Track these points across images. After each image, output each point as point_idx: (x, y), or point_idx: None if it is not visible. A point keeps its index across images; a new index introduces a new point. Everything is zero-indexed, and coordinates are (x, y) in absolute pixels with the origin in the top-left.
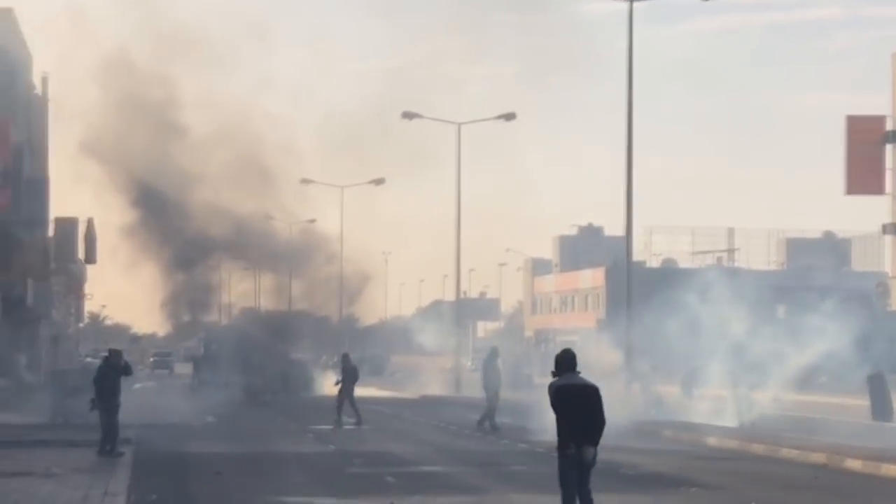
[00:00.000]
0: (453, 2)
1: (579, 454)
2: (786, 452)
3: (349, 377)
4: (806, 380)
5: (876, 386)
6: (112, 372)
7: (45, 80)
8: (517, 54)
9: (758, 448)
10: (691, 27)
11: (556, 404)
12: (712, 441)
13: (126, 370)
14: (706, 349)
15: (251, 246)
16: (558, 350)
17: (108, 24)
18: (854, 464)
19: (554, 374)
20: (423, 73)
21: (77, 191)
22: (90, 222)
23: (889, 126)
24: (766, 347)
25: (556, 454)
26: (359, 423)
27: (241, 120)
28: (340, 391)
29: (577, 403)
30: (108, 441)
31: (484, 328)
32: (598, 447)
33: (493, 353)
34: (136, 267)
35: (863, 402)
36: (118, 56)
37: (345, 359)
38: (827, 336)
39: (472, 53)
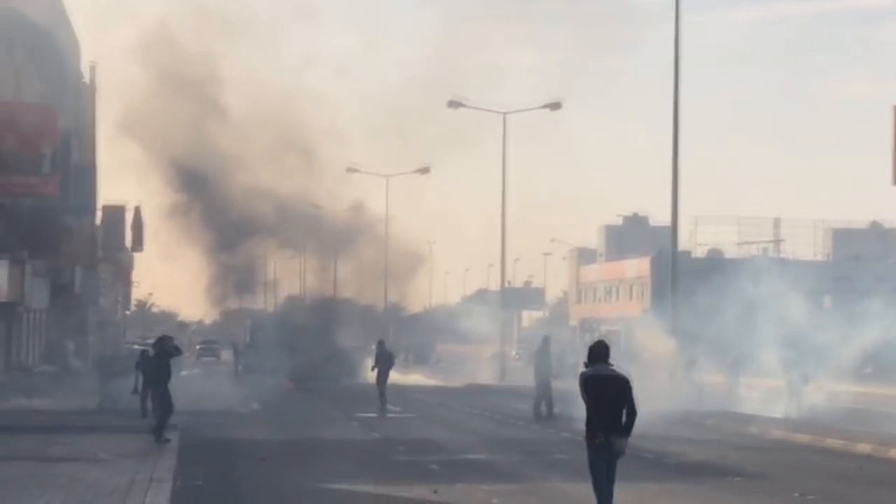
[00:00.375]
0: None
1: (607, 443)
2: (830, 442)
3: (384, 364)
4: (854, 371)
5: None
6: (166, 358)
7: (92, 69)
8: (563, 42)
9: (802, 438)
10: (738, 15)
11: (584, 394)
12: (755, 430)
13: (177, 351)
14: (753, 338)
15: (295, 229)
16: (599, 339)
17: (150, 3)
18: None
19: (586, 365)
20: (469, 60)
21: (124, 179)
22: (137, 210)
23: None
24: (815, 337)
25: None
26: (382, 411)
27: (286, 102)
28: (378, 378)
29: (606, 394)
30: (160, 427)
31: (529, 317)
32: (641, 436)
33: (546, 342)
34: (180, 252)
35: None
36: (160, 34)
37: (380, 345)
38: (874, 326)
39: (519, 41)
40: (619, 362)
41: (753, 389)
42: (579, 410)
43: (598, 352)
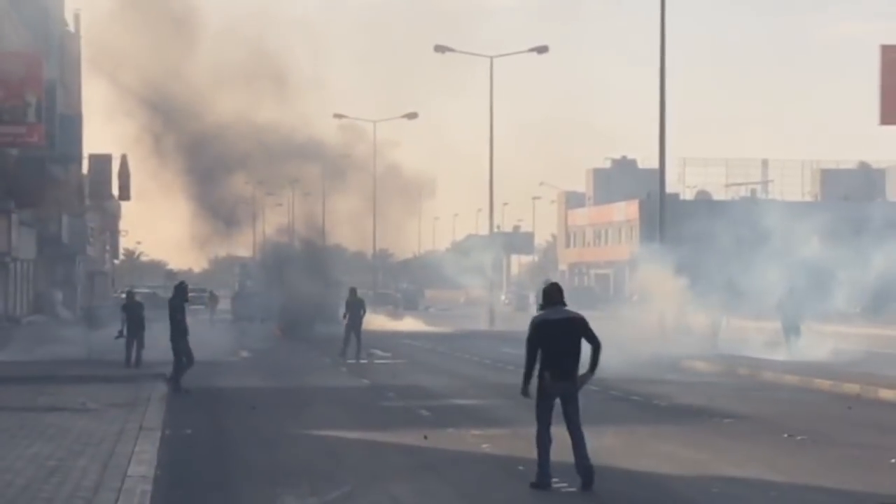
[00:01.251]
0: None
1: (556, 384)
2: (819, 383)
3: (355, 311)
4: (844, 311)
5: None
6: (181, 304)
7: (77, 17)
8: None
9: (792, 379)
10: None
11: (534, 338)
12: (745, 372)
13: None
14: (747, 278)
15: (280, 171)
16: (589, 283)
17: None
18: (888, 394)
19: (541, 308)
20: (453, 4)
21: (110, 127)
22: (124, 158)
23: None
24: (806, 278)
25: (590, 387)
26: (358, 358)
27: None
28: (347, 325)
29: (560, 336)
30: (177, 374)
31: (518, 262)
32: (631, 380)
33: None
34: (161, 197)
35: None
36: None
37: (351, 293)
38: (864, 267)
39: None
40: (613, 305)
41: (747, 331)
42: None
43: (552, 294)
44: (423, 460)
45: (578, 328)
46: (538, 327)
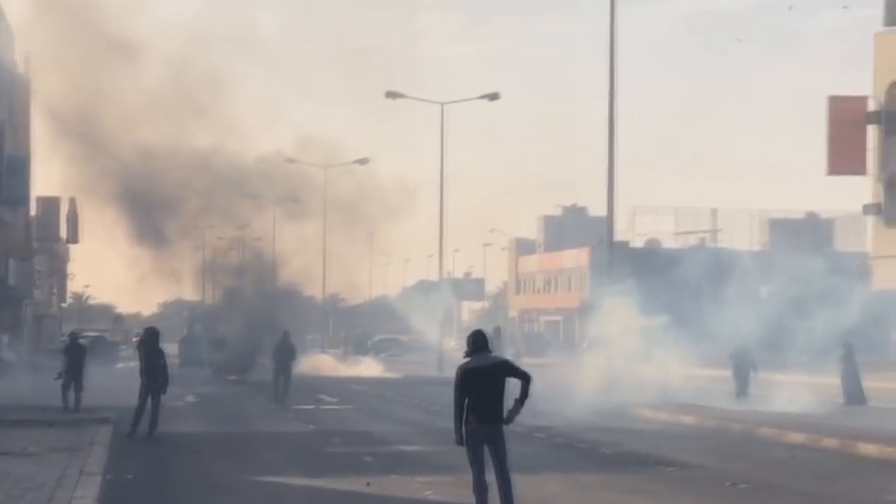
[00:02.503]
0: None
1: (481, 428)
2: (764, 431)
3: (284, 356)
4: (792, 360)
5: (847, 368)
6: (157, 351)
7: (27, 59)
8: (501, 33)
9: (737, 427)
10: (674, 7)
11: (461, 384)
12: (691, 420)
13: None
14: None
15: (233, 217)
16: (539, 330)
17: None
18: (831, 442)
19: (466, 354)
20: (406, 51)
21: (59, 170)
22: (72, 201)
23: (871, 106)
24: (755, 326)
25: (536, 434)
26: (282, 403)
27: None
28: (276, 368)
29: (485, 381)
30: (153, 423)
31: (469, 308)
32: (579, 427)
33: (498, 332)
34: (113, 243)
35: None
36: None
37: (284, 336)
38: (812, 315)
39: (457, 32)
40: (563, 352)
41: (694, 379)
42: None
43: (476, 341)
44: None
45: (503, 372)
46: (464, 374)
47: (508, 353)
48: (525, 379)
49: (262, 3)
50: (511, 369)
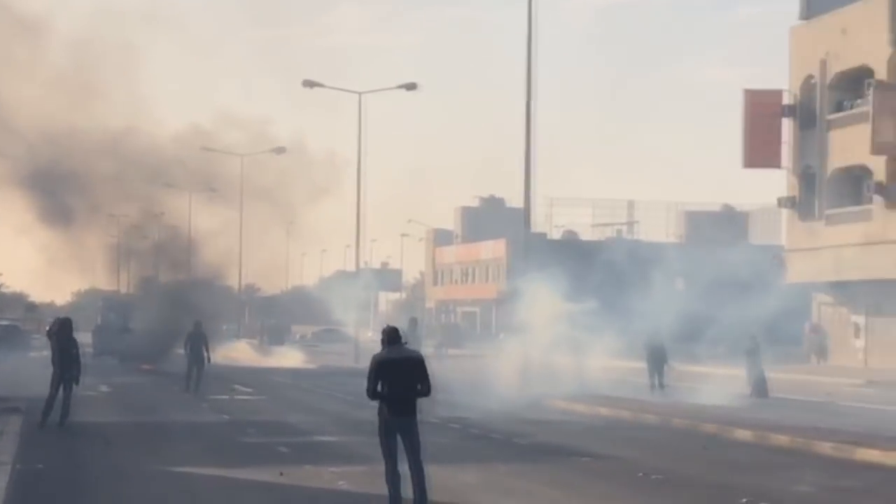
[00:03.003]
0: None
1: (394, 419)
2: (677, 422)
3: (196, 344)
4: (707, 352)
5: (752, 362)
6: (71, 341)
7: None
8: (419, 24)
9: (651, 419)
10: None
11: (376, 374)
12: (606, 412)
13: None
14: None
15: (147, 204)
16: (456, 321)
17: None
18: (743, 434)
19: (382, 349)
20: (323, 42)
21: None
22: None
23: (786, 100)
24: (669, 319)
25: (451, 425)
26: (196, 392)
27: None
28: (189, 358)
29: (399, 373)
30: (65, 413)
31: (386, 299)
32: (493, 416)
33: (413, 323)
34: (25, 230)
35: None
36: None
37: (195, 326)
38: (726, 307)
39: (374, 23)
40: (479, 343)
41: (610, 371)
42: (436, 392)
43: (392, 337)
44: (278, 497)
45: (418, 366)
46: (379, 365)
47: (429, 345)
48: (425, 391)
49: None
50: (422, 370)
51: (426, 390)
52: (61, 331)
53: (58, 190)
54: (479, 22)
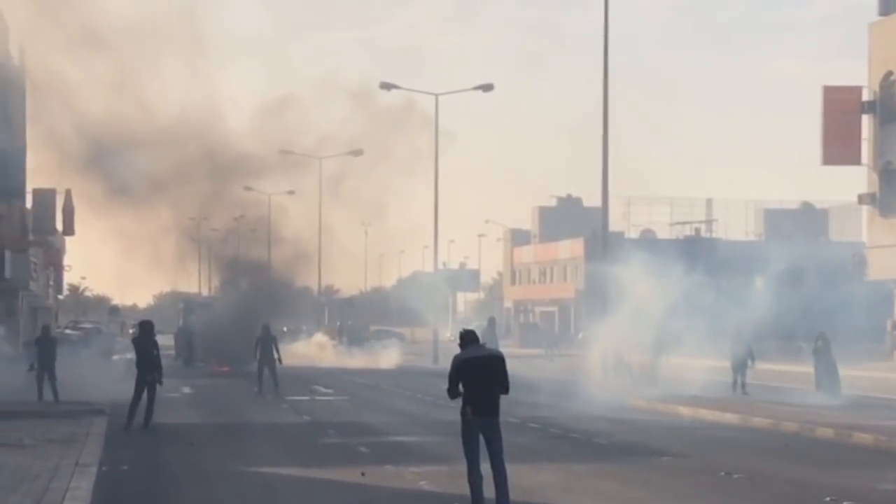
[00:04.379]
0: None
1: (477, 420)
2: (758, 422)
3: (266, 346)
4: (788, 349)
5: (820, 360)
6: (152, 342)
7: (22, 52)
8: (494, 25)
9: (731, 418)
10: None
11: (457, 374)
12: (685, 411)
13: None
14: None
15: (226, 210)
16: (537, 321)
17: None
18: (825, 432)
19: (461, 347)
20: (398, 43)
21: (54, 162)
22: (68, 193)
23: (865, 96)
24: (749, 317)
25: (531, 425)
26: (275, 393)
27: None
28: (259, 360)
29: (480, 373)
30: (148, 415)
31: (464, 299)
32: (572, 417)
33: (492, 323)
34: (113, 237)
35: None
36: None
37: (263, 329)
38: (806, 305)
39: (449, 24)
40: (558, 343)
41: (690, 370)
42: (517, 392)
43: (468, 336)
44: (360, 497)
45: (497, 365)
46: (459, 365)
47: (500, 346)
48: (503, 389)
49: None
50: (502, 368)
51: (505, 388)
52: (143, 334)
53: (140, 192)
54: (552, 22)
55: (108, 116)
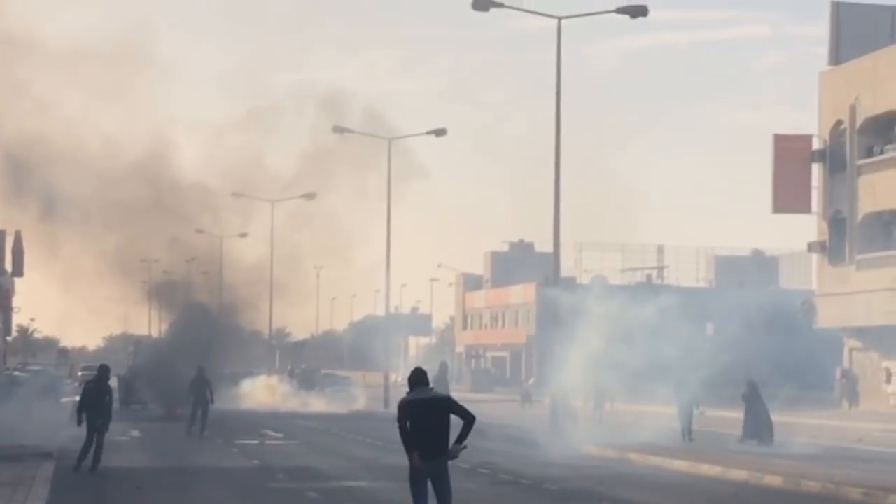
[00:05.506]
0: (383, 17)
1: (425, 464)
2: (707, 469)
3: (200, 390)
4: (735, 397)
5: (750, 406)
6: (106, 388)
7: None
8: (447, 70)
9: (680, 465)
10: (619, 44)
11: (404, 417)
12: (635, 458)
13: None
14: (634, 363)
15: (178, 254)
16: (488, 366)
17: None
18: (774, 480)
19: (409, 392)
20: (353, 86)
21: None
22: (18, 234)
23: (815, 145)
24: (699, 363)
25: (481, 470)
26: (200, 436)
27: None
28: (193, 402)
29: (427, 415)
30: (96, 459)
31: (416, 343)
32: (523, 462)
33: (443, 368)
34: (63, 279)
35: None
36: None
37: (198, 372)
38: (755, 352)
39: (403, 68)
40: (509, 388)
41: (638, 416)
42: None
43: (418, 379)
44: None
45: (446, 408)
46: (405, 407)
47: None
48: (469, 419)
49: (203, 33)
50: (453, 407)
51: (469, 419)
52: (99, 378)
53: (90, 233)
54: (504, 67)
55: (57, 152)
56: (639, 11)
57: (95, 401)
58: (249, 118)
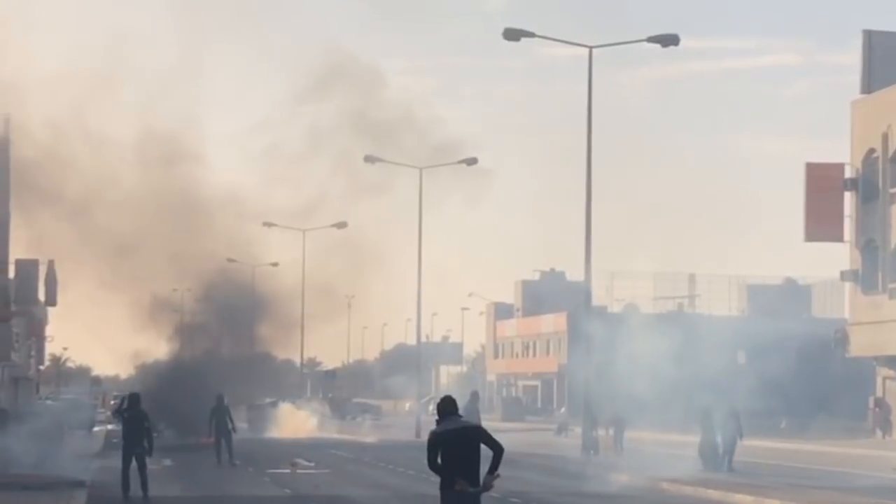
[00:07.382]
0: (412, 46)
1: (463, 491)
2: (740, 499)
3: (220, 418)
4: (769, 426)
5: (707, 430)
6: (141, 416)
7: (6, 121)
8: (478, 99)
9: (714, 494)
10: (650, 73)
11: (434, 449)
12: (667, 486)
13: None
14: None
15: (210, 286)
16: (519, 395)
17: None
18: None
19: (438, 422)
20: (384, 115)
21: (38, 232)
22: (51, 264)
23: (847, 173)
24: (733, 393)
25: (511, 500)
26: (230, 460)
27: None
28: (216, 432)
29: (458, 445)
30: (144, 486)
31: (447, 372)
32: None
33: (474, 397)
34: (96, 309)
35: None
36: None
37: (218, 400)
38: (789, 382)
39: (434, 97)
40: (541, 417)
41: (657, 444)
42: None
43: (447, 408)
44: None
45: (475, 437)
46: (435, 439)
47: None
48: (499, 450)
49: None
50: (484, 437)
51: (499, 449)
52: (131, 405)
53: (122, 262)
54: (535, 96)
55: (91, 185)
56: (670, 40)
57: (136, 428)
58: (279, 147)
